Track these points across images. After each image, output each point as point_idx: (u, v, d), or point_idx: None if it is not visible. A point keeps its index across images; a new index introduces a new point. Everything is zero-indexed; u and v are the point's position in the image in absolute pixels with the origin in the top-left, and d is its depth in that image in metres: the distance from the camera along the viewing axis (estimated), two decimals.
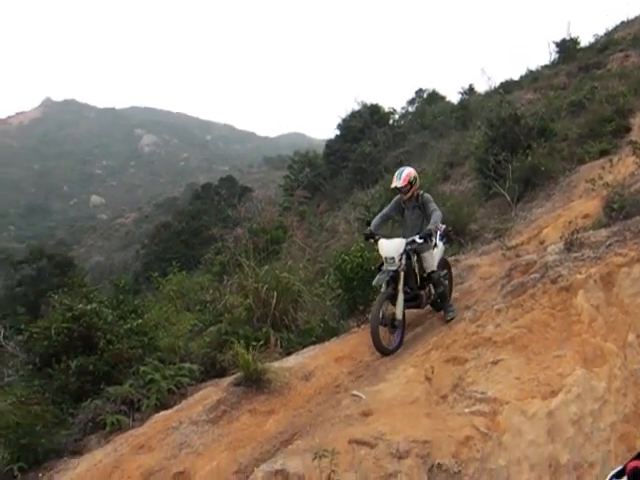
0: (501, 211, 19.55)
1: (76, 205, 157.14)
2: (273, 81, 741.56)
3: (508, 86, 42.77)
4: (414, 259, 10.05)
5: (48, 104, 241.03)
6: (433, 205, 10.23)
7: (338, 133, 50.57)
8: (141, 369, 10.89)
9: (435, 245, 10.62)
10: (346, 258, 12.61)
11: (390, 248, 9.86)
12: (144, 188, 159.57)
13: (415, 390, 7.66)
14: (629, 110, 24.50)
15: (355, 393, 8.02)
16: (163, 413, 9.65)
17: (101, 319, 11.67)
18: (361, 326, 11.36)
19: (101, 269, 73.98)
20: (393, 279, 9.77)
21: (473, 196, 23.05)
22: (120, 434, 9.65)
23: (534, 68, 46.53)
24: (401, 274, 9.75)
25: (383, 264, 9.95)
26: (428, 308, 10.82)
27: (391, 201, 10.94)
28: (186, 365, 11.40)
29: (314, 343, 11.64)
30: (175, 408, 9.76)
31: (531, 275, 9.25)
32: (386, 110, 50.80)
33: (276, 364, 10.31)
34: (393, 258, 9.74)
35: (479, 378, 7.50)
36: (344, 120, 50.08)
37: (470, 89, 49.88)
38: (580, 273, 8.60)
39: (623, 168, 17.16)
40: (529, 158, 20.31)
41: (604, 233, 9.97)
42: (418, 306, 10.50)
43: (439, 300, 10.43)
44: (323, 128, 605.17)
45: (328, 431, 7.10)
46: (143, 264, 53.94)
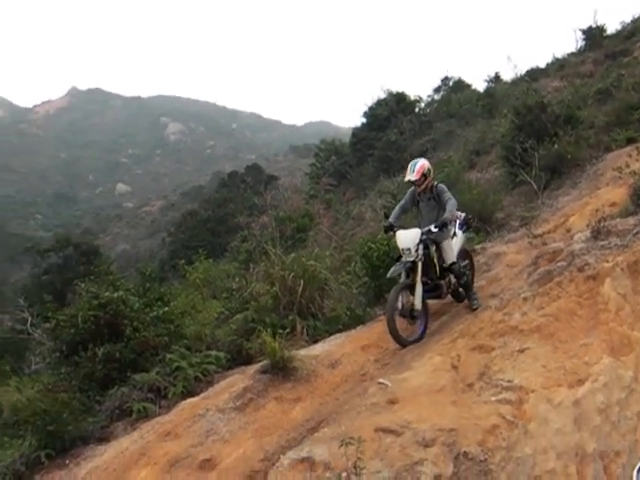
0: (527, 199, 19.42)
1: (102, 194, 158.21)
2: (299, 69, 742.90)
3: (534, 74, 42.38)
4: (432, 249, 10.00)
5: (74, 93, 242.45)
6: (448, 194, 10.17)
7: (364, 121, 50.49)
8: (167, 357, 10.94)
9: (454, 234, 10.57)
10: (372, 246, 12.64)
11: (406, 239, 9.83)
12: (170, 176, 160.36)
13: (441, 378, 7.64)
14: None
15: (381, 381, 8.02)
16: (189, 400, 9.69)
17: (127, 307, 11.73)
18: None
19: (127, 257, 74.73)
20: (411, 269, 9.76)
21: (499, 184, 22.91)
22: (146, 421, 9.70)
23: (560, 56, 45.85)
24: (418, 264, 9.71)
25: (401, 256, 9.95)
26: None
27: (406, 193, 10.93)
28: (212, 353, 11.43)
29: (340, 331, 11.65)
30: (201, 395, 9.80)
31: (558, 263, 9.23)
32: (412, 98, 50.70)
33: (302, 352, 10.34)
34: (409, 249, 9.70)
35: (505, 366, 7.47)
36: (370, 108, 49.97)
37: (496, 77, 49.36)
38: (607, 261, 8.55)
39: None
40: (555, 146, 20.13)
41: (631, 221, 9.93)
42: (438, 296, 10.44)
43: (463, 290, 10.41)
44: (349, 116, 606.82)
45: (354, 419, 7.11)
46: (169, 252, 54.21)
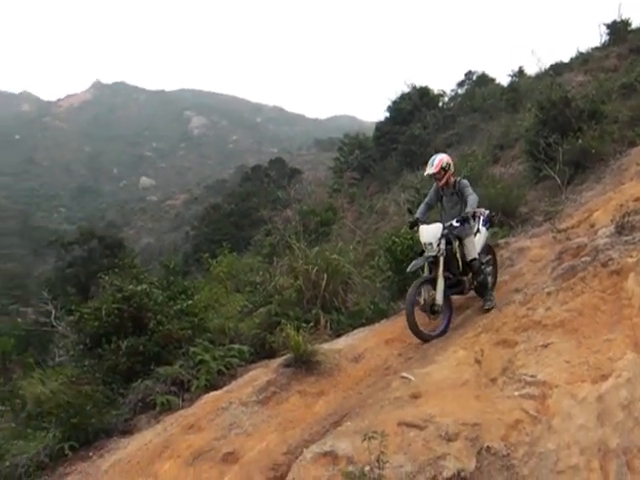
0: (551, 194, 19.30)
1: (126, 187, 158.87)
2: (323, 63, 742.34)
3: (558, 68, 42.06)
4: (455, 244, 9.99)
5: (98, 86, 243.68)
6: (469, 190, 10.18)
7: (388, 115, 50.62)
8: (191, 350, 11.02)
9: (477, 231, 10.59)
10: (396, 240, 12.65)
11: (428, 233, 9.84)
12: (193, 170, 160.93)
13: (465, 372, 7.64)
14: None
15: (404, 375, 8.02)
16: (213, 394, 9.74)
17: (151, 300, 11.82)
18: None
19: (151, 250, 75.09)
20: (434, 264, 9.76)
21: (523, 179, 22.78)
22: (170, 414, 9.79)
23: (584, 50, 45.38)
24: (440, 259, 9.69)
25: (424, 250, 9.95)
26: None
27: (430, 189, 10.93)
28: (236, 346, 11.49)
29: (364, 325, 11.68)
30: (225, 389, 9.85)
31: (582, 258, 9.18)
32: (435, 92, 50.84)
33: (326, 346, 10.37)
34: (431, 244, 9.71)
35: (529, 361, 7.46)
36: (394, 102, 50.06)
37: (520, 71, 49.10)
38: (631, 256, 8.50)
39: None
40: (579, 141, 20.00)
41: None
42: (461, 292, 10.43)
43: (480, 288, 10.40)
44: (373, 111, 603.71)
45: (377, 413, 7.11)
46: (193, 245, 54.53)
